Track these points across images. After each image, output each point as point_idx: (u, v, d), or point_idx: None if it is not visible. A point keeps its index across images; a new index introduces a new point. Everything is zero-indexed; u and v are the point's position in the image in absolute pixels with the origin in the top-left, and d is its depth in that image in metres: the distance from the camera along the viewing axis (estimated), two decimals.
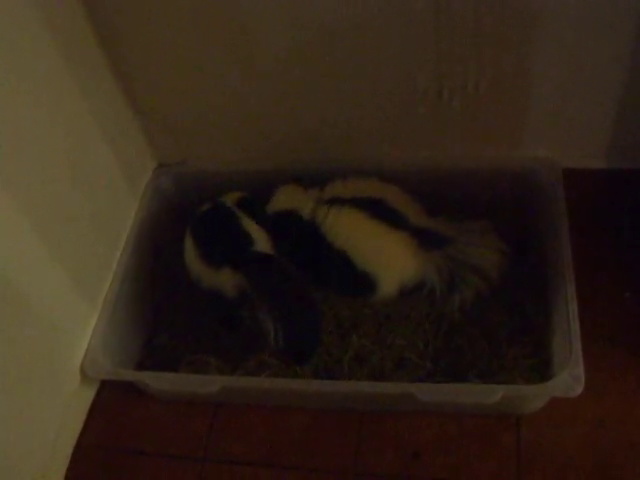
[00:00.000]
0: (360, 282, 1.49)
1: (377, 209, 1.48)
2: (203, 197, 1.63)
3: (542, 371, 1.38)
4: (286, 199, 1.58)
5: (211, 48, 1.48)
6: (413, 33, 1.39)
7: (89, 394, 1.54)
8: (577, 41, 1.37)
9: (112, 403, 1.54)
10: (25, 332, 1.32)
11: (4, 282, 1.24)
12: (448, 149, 1.57)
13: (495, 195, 1.63)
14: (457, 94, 1.48)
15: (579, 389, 1.21)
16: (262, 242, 1.49)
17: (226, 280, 1.44)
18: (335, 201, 1.50)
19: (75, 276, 1.45)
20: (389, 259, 1.48)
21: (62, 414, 1.44)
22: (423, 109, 1.52)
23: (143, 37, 1.49)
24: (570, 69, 1.43)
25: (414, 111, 1.53)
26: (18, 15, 1.27)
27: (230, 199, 1.58)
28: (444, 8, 1.33)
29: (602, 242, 1.57)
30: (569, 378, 1.22)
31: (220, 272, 1.44)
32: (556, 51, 1.39)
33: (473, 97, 1.49)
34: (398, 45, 1.41)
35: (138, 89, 1.61)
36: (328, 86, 1.52)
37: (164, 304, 1.66)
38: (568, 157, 1.57)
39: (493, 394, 1.25)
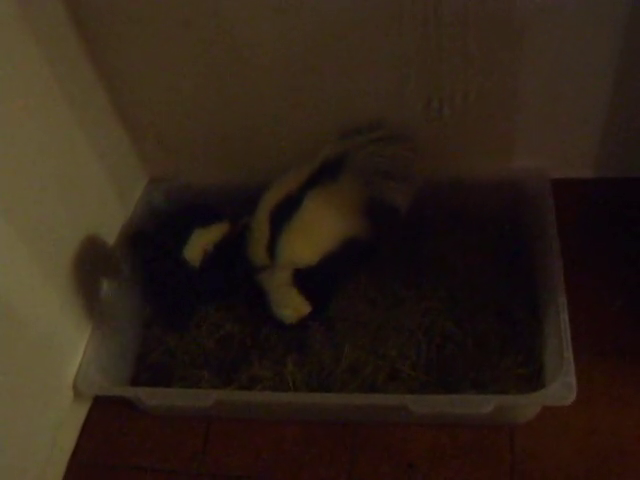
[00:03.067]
0: None
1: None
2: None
3: (534, 380, 1.38)
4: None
5: (202, 65, 1.49)
6: (400, 46, 1.40)
7: (82, 410, 1.53)
8: (564, 52, 1.39)
9: (105, 419, 1.54)
10: (17, 349, 1.31)
11: None
12: (437, 161, 1.57)
13: (484, 206, 1.64)
14: (445, 106, 1.49)
15: (571, 398, 1.21)
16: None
17: None
18: None
19: (67, 293, 1.45)
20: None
21: (55, 431, 1.43)
22: (412, 121, 1.53)
23: (134, 53, 1.49)
24: (557, 80, 1.44)
25: (403, 124, 1.54)
26: (7, 31, 1.27)
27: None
28: (431, 20, 1.34)
29: (592, 251, 1.58)
30: (561, 387, 1.23)
31: None
32: (543, 63, 1.41)
33: (461, 109, 1.50)
34: (385, 58, 1.43)
35: (129, 104, 1.61)
36: (317, 101, 1.53)
37: (154, 319, 1.65)
38: (557, 167, 1.58)
39: (486, 404, 1.25)
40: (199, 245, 1.53)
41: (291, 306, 1.49)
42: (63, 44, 1.43)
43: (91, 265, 1.51)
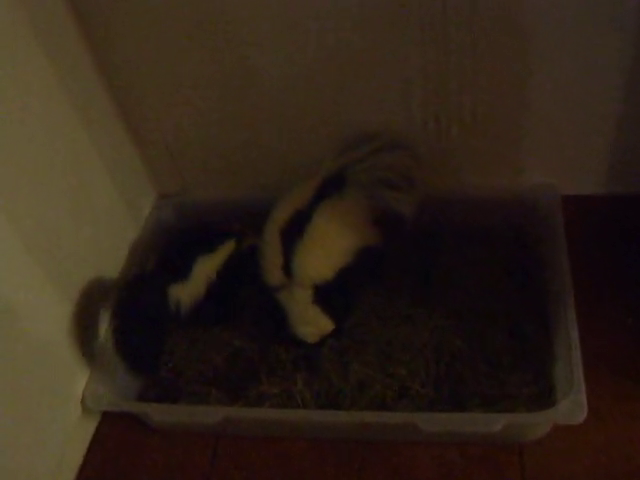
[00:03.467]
0: None
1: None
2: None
3: (544, 398, 1.37)
4: None
5: (212, 78, 1.50)
6: (408, 64, 1.40)
7: (90, 426, 1.53)
8: (574, 68, 1.39)
9: (113, 435, 1.53)
10: (26, 363, 1.32)
11: (6, 317, 1.25)
12: (448, 177, 1.57)
13: (495, 222, 1.64)
14: (455, 123, 1.50)
15: (582, 416, 1.20)
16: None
17: None
18: None
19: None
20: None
21: (63, 446, 1.43)
22: (422, 139, 1.53)
23: (144, 67, 1.50)
24: (567, 96, 1.44)
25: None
26: (17, 45, 1.29)
27: None
28: (440, 37, 1.34)
29: (603, 268, 1.57)
30: (572, 405, 1.22)
31: None
32: (553, 78, 1.41)
33: (471, 126, 1.50)
34: (395, 75, 1.43)
35: (139, 119, 1.62)
36: (327, 116, 1.54)
37: (165, 335, 1.64)
38: (567, 184, 1.58)
39: (496, 423, 1.24)
40: (202, 278, 1.53)
41: (314, 324, 1.48)
42: (73, 59, 1.45)
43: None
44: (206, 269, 1.54)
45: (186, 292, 1.51)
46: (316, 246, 1.46)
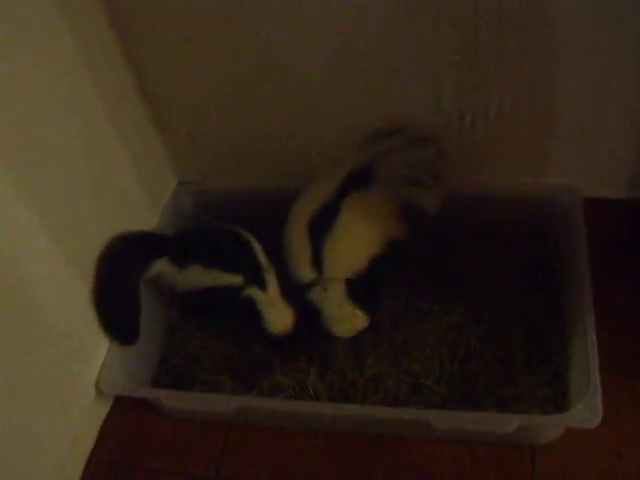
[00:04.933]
0: None
1: None
2: (223, 215, 1.64)
3: (559, 401, 1.37)
4: None
5: (236, 68, 1.50)
6: (436, 57, 1.39)
7: (103, 410, 1.54)
8: (600, 69, 1.37)
9: (126, 419, 1.54)
10: (43, 348, 1.32)
11: (24, 299, 1.26)
12: (469, 174, 1.56)
13: (516, 221, 1.63)
14: (479, 119, 1.49)
15: (596, 420, 1.19)
16: None
17: None
18: None
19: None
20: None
21: (75, 429, 1.44)
22: (446, 133, 1.52)
23: (168, 57, 1.50)
24: (593, 97, 1.43)
25: (428, 126, 1.53)
26: (44, 27, 1.29)
27: None
28: (470, 34, 1.33)
29: (622, 272, 1.56)
30: (586, 409, 1.21)
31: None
32: (579, 78, 1.39)
33: (495, 123, 1.49)
34: (422, 68, 1.42)
35: (162, 107, 1.62)
36: (351, 108, 1.53)
37: (179, 323, 1.66)
38: (590, 186, 1.57)
39: (509, 424, 1.24)
40: None
41: (350, 320, 1.48)
42: (100, 48, 1.45)
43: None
44: None
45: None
46: (347, 238, 1.45)
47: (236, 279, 1.48)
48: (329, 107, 1.55)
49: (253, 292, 1.47)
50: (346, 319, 1.47)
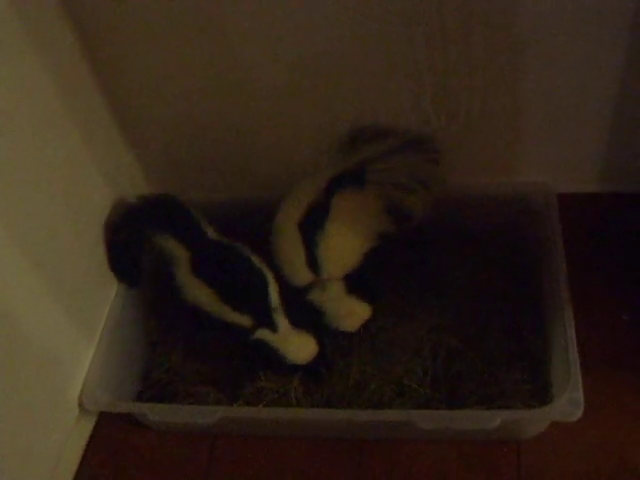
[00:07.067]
0: None
1: None
2: None
3: (541, 396, 1.38)
4: None
5: (206, 81, 1.49)
6: (406, 62, 1.40)
7: (87, 426, 1.53)
8: (567, 67, 1.38)
9: (111, 435, 1.53)
10: (23, 365, 1.31)
11: (2, 316, 1.25)
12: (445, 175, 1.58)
13: (490, 221, 1.64)
14: (453, 121, 1.50)
15: (578, 413, 1.20)
16: None
17: None
18: None
19: (73, 310, 1.45)
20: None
21: (60, 446, 1.43)
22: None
23: (139, 71, 1.50)
24: (561, 95, 1.44)
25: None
26: (10, 46, 1.28)
27: None
28: (438, 36, 1.34)
29: (598, 265, 1.58)
30: (568, 402, 1.22)
31: None
32: (547, 77, 1.41)
33: (465, 125, 1.50)
34: (393, 72, 1.43)
35: (134, 122, 1.62)
36: (326, 116, 1.53)
37: (161, 336, 1.65)
38: (562, 182, 1.58)
39: (493, 420, 1.24)
40: None
41: (353, 314, 1.49)
42: (69, 63, 1.43)
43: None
44: None
45: None
46: (341, 237, 1.46)
47: (245, 321, 1.46)
48: (303, 115, 1.55)
49: (263, 334, 1.45)
50: (350, 314, 1.48)
